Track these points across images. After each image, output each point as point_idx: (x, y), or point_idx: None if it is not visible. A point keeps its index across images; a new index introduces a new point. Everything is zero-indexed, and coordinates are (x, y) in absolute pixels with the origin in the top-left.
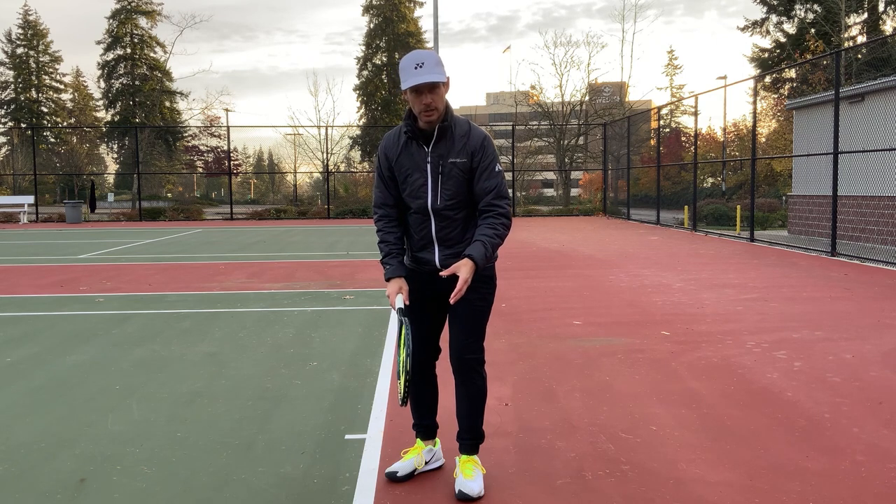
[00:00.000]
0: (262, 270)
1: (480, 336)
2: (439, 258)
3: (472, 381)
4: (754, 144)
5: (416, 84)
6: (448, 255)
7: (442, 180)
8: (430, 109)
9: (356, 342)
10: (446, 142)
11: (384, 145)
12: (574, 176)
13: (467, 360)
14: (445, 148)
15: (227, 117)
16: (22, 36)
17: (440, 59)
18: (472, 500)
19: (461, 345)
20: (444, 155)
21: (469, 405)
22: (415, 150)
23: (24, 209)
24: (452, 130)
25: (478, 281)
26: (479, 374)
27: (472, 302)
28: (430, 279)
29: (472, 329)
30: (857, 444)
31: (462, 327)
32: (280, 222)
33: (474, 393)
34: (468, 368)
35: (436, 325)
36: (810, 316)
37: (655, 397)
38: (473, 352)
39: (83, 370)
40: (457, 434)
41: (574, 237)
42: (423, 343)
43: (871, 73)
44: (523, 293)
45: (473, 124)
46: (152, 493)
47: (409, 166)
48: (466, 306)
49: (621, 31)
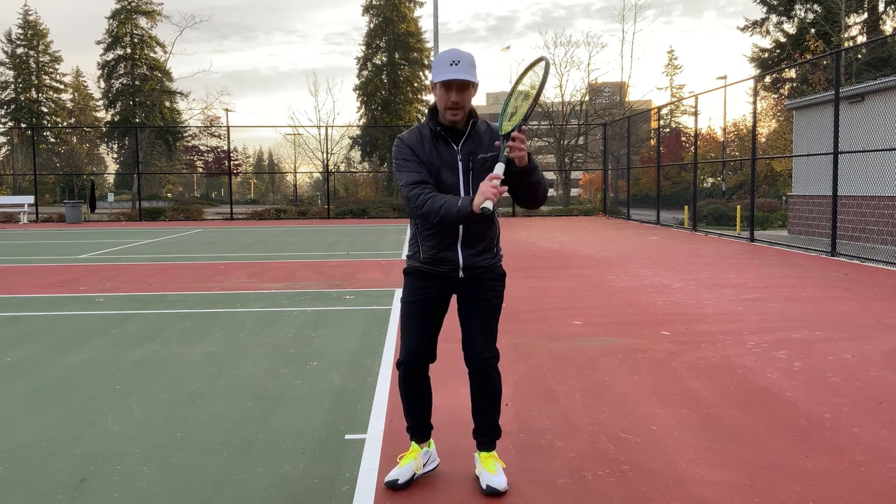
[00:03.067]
0: (262, 270)
1: (496, 334)
2: (463, 257)
3: (491, 379)
4: (754, 144)
5: (448, 79)
6: (471, 255)
7: (473, 177)
8: (457, 108)
9: (356, 342)
10: (474, 139)
11: (409, 142)
12: (574, 176)
13: (487, 359)
14: (474, 145)
15: (227, 117)
16: (22, 36)
17: (475, 62)
18: (500, 494)
19: (480, 344)
20: (474, 151)
21: (488, 403)
22: (443, 148)
23: (24, 209)
24: (479, 128)
25: (494, 280)
26: (496, 372)
27: (489, 301)
28: (445, 281)
29: (490, 328)
30: (857, 444)
31: (480, 327)
32: (280, 222)
33: (493, 391)
34: (488, 367)
35: (437, 329)
36: (810, 316)
37: (655, 397)
38: (491, 350)
39: (83, 370)
40: (473, 432)
41: (574, 237)
42: (425, 343)
43: (871, 73)
44: (523, 293)
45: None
46: (152, 493)
47: (438, 164)
48: (486, 306)
49: (621, 31)
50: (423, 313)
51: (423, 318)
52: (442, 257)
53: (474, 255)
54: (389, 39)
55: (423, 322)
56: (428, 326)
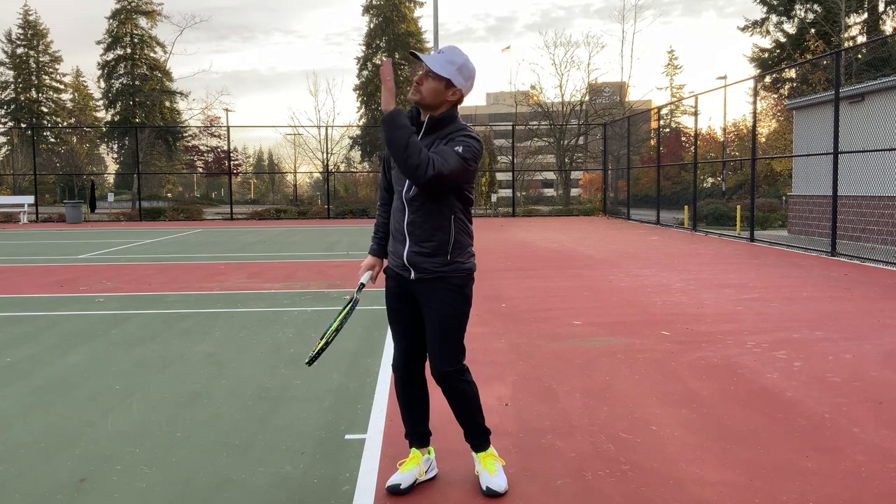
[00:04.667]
0: (262, 270)
1: (458, 347)
2: (407, 253)
3: (458, 390)
4: (754, 144)
5: (420, 57)
6: (415, 252)
7: None
8: (415, 86)
9: (356, 342)
10: (434, 136)
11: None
12: (574, 176)
13: (448, 373)
14: (430, 141)
15: (226, 117)
16: (22, 36)
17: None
18: (500, 495)
19: (438, 359)
20: (429, 145)
21: (463, 411)
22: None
23: (24, 209)
24: (445, 126)
25: (449, 289)
26: (463, 382)
27: (444, 312)
28: (401, 278)
29: (449, 340)
30: (857, 444)
31: (438, 340)
32: (280, 222)
33: (466, 399)
34: (452, 380)
35: (419, 329)
36: (810, 316)
37: (655, 397)
38: (451, 364)
39: (83, 370)
40: (464, 435)
41: (574, 237)
42: (409, 346)
43: (871, 73)
44: (523, 293)
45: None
46: (152, 493)
47: None
48: (440, 317)
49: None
50: (397, 315)
51: (400, 320)
52: (394, 249)
53: (419, 255)
54: (389, 39)
55: (401, 324)
56: (409, 328)
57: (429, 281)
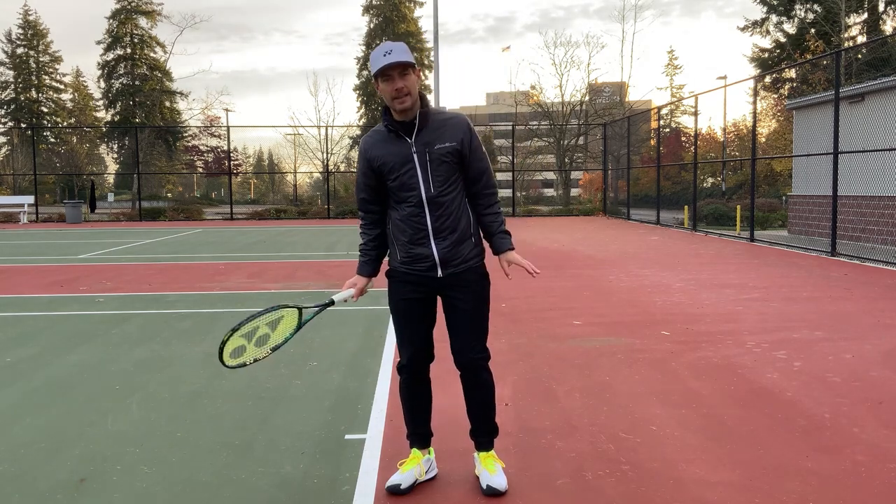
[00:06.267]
0: (262, 270)
1: (486, 333)
2: (438, 252)
3: (482, 379)
4: (754, 144)
5: (385, 65)
6: (446, 248)
7: (432, 168)
8: (403, 95)
9: (356, 342)
10: (429, 130)
11: (364, 147)
12: (574, 176)
13: (476, 359)
14: (429, 135)
15: (226, 117)
16: (22, 36)
17: (408, 49)
18: (500, 495)
19: (468, 346)
20: (430, 143)
21: (482, 403)
22: (398, 143)
23: (24, 209)
24: (433, 117)
25: (475, 280)
26: (487, 371)
27: (474, 301)
28: (425, 279)
29: (479, 328)
30: (857, 444)
31: (468, 328)
32: (280, 222)
33: (486, 391)
34: (478, 367)
35: (430, 329)
36: (810, 316)
37: (655, 397)
38: (481, 351)
39: (83, 370)
40: (470, 432)
41: (574, 237)
42: (421, 346)
43: (871, 73)
44: (523, 293)
45: (454, 112)
46: (152, 493)
47: (394, 161)
48: (470, 307)
49: (621, 31)
50: (411, 316)
51: (414, 321)
52: (417, 254)
53: (449, 248)
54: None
55: (414, 325)
56: (421, 329)
57: (458, 275)
